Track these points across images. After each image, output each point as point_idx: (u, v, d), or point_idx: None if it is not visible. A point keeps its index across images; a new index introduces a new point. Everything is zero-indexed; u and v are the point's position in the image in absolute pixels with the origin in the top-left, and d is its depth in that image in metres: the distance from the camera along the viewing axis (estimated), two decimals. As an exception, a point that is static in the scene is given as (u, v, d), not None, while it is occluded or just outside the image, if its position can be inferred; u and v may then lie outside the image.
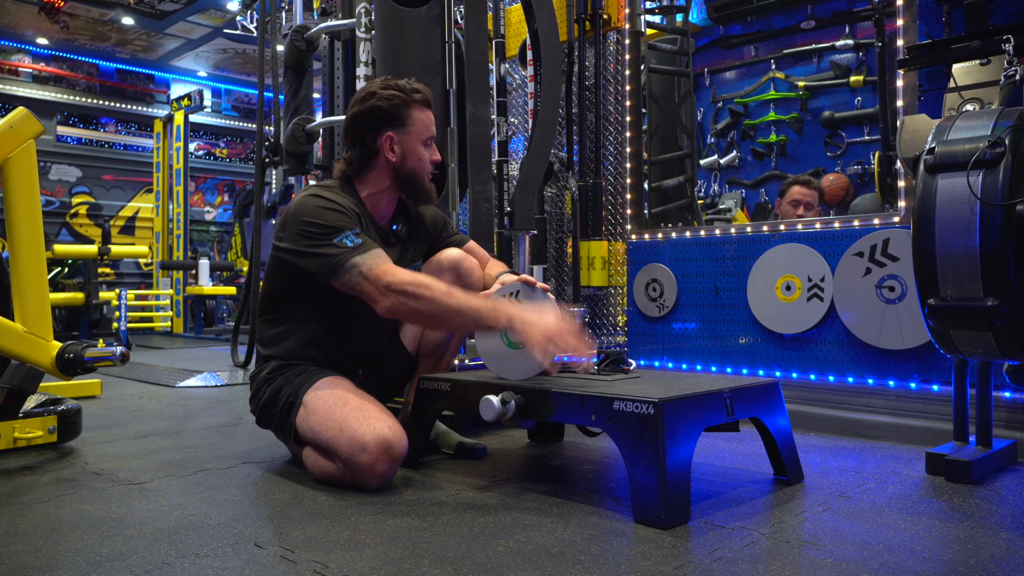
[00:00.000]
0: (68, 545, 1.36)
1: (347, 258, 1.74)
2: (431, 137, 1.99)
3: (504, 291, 1.86)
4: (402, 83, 1.96)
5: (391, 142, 1.94)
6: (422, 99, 1.96)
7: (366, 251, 1.75)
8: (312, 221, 1.78)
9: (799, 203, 3.30)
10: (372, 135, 1.93)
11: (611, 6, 3.32)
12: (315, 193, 1.87)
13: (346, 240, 1.75)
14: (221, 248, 11.11)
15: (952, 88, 2.32)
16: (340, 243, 1.75)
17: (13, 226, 2.15)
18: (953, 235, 1.73)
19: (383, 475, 1.70)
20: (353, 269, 1.73)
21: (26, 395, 2.17)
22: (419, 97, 1.95)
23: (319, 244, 1.77)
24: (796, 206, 3.29)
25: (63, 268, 8.46)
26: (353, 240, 1.76)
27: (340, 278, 1.75)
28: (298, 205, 1.85)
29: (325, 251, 1.75)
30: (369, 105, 1.92)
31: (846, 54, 4.51)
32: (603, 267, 3.28)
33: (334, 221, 1.78)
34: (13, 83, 9.07)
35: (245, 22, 7.68)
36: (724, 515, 1.53)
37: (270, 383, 1.93)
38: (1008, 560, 1.28)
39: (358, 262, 1.73)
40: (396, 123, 1.93)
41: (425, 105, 1.97)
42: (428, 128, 1.98)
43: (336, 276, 1.75)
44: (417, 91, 1.96)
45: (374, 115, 1.92)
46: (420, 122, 1.96)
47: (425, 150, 1.98)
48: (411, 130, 1.95)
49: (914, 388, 2.38)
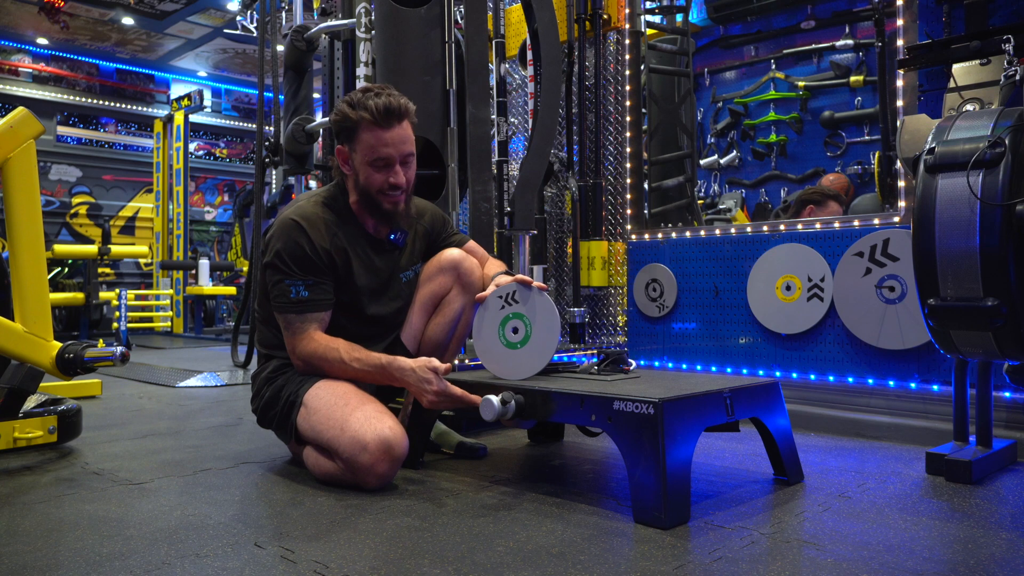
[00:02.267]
0: (68, 545, 1.36)
1: (284, 309, 1.87)
2: (380, 159, 1.86)
3: (500, 291, 1.86)
4: (357, 98, 1.86)
5: (343, 156, 1.94)
6: (369, 120, 1.83)
7: (303, 311, 1.87)
8: (280, 256, 1.87)
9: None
10: (335, 147, 1.96)
11: (611, 6, 3.31)
12: (299, 222, 1.88)
13: (293, 291, 1.86)
14: (221, 248, 11.11)
15: (952, 88, 2.33)
16: (287, 289, 1.86)
17: (13, 226, 2.15)
18: (953, 235, 1.73)
19: (384, 475, 1.70)
20: (284, 319, 1.89)
21: (26, 395, 2.17)
22: (366, 118, 1.83)
23: (275, 278, 1.88)
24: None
25: (63, 268, 8.46)
26: (299, 293, 1.86)
27: (279, 319, 1.91)
28: (282, 228, 1.89)
29: (276, 289, 1.89)
30: (331, 120, 1.97)
31: (846, 54, 4.51)
32: (603, 267, 3.28)
33: (294, 267, 1.86)
34: (13, 83, 9.08)
35: (245, 22, 7.68)
36: (724, 515, 1.53)
37: (271, 383, 1.94)
38: (1008, 560, 1.28)
39: (291, 319, 1.88)
40: (346, 139, 1.92)
41: (375, 125, 1.84)
42: (374, 149, 1.85)
43: (278, 315, 1.91)
44: (367, 109, 1.83)
45: (333, 128, 1.94)
46: (365, 143, 1.86)
47: (375, 171, 1.87)
48: (357, 148, 1.89)
49: (914, 388, 2.38)
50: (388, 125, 1.85)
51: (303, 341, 1.87)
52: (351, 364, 1.83)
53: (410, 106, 1.90)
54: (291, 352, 1.91)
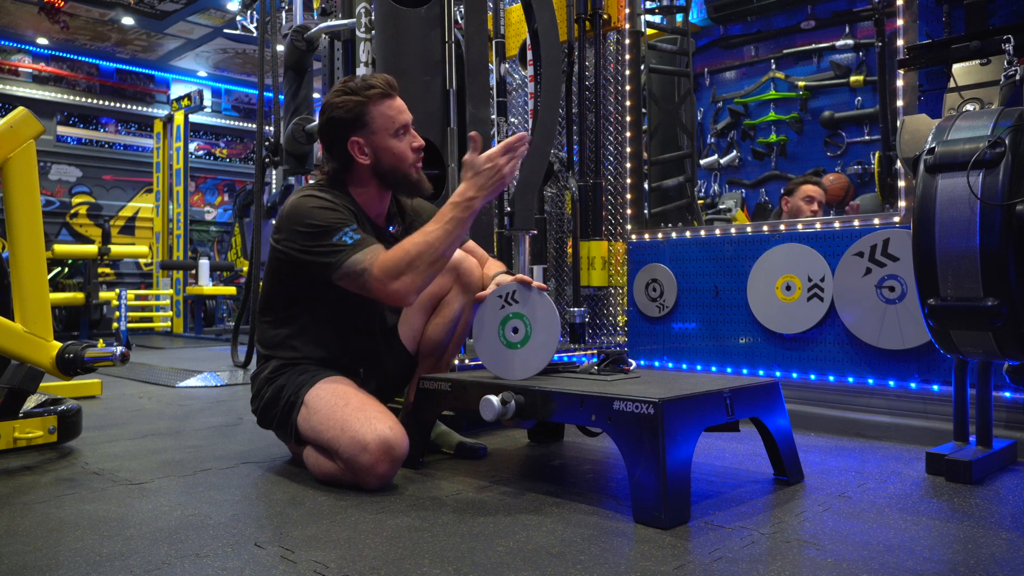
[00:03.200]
0: (68, 545, 1.36)
1: (348, 255, 1.76)
2: (402, 125, 1.91)
3: (500, 291, 1.86)
4: (354, 84, 1.89)
5: (359, 146, 1.91)
6: (379, 93, 1.88)
7: (366, 247, 1.77)
8: (310, 221, 1.80)
9: (812, 199, 3.47)
10: (340, 145, 1.91)
11: (611, 6, 3.31)
12: (309, 193, 1.87)
13: (345, 238, 1.77)
14: (221, 248, 11.11)
15: (952, 88, 2.32)
16: (340, 241, 1.77)
17: (13, 226, 2.15)
18: (953, 235, 1.73)
19: (384, 475, 1.70)
20: (357, 266, 1.75)
21: (26, 395, 2.17)
22: (375, 93, 1.88)
23: (319, 243, 1.78)
24: (810, 202, 3.46)
25: (63, 268, 8.46)
26: (352, 236, 1.78)
27: (343, 275, 1.77)
28: (293, 205, 1.86)
29: (325, 249, 1.77)
30: (327, 118, 1.91)
31: (846, 54, 4.51)
32: (603, 267, 3.28)
33: (331, 219, 1.80)
34: (13, 83, 9.08)
35: (245, 22, 7.68)
36: (724, 515, 1.53)
37: (271, 383, 1.93)
38: (1008, 560, 1.28)
39: (360, 259, 1.75)
40: (358, 126, 1.89)
41: (384, 96, 1.89)
42: (393, 119, 1.90)
43: (338, 273, 1.77)
44: (372, 86, 1.88)
45: (335, 125, 1.90)
46: (382, 116, 1.89)
47: (398, 141, 1.91)
48: (375, 128, 1.89)
49: (914, 388, 2.38)
50: (393, 95, 1.91)
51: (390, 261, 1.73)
52: (433, 234, 1.74)
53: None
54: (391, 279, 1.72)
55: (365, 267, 1.74)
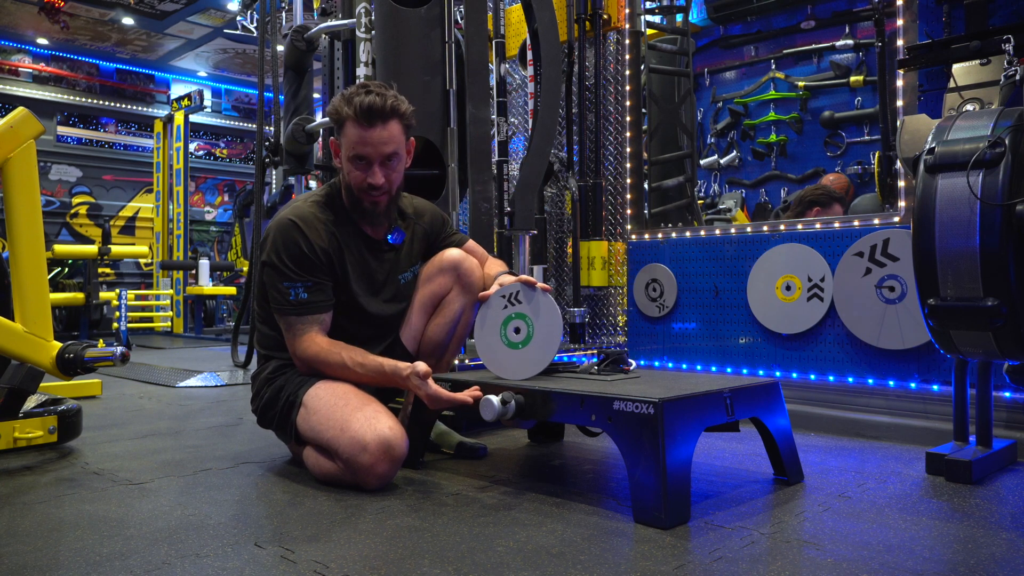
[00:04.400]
0: (68, 545, 1.36)
1: (284, 311, 1.88)
2: (358, 156, 1.86)
3: (504, 291, 1.86)
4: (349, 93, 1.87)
5: (335, 148, 1.95)
6: (353, 117, 1.83)
7: (302, 313, 1.88)
8: (278, 252, 1.87)
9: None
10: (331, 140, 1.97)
11: (611, 6, 3.31)
12: (296, 219, 1.89)
13: (292, 293, 1.87)
14: (221, 248, 11.11)
15: (952, 88, 2.33)
16: (286, 291, 1.87)
17: (13, 226, 2.15)
18: (953, 235, 1.73)
19: (384, 475, 1.70)
20: (284, 321, 1.90)
21: (26, 395, 2.17)
22: (348, 112, 1.84)
23: (272, 278, 1.89)
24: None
25: (63, 268, 8.46)
26: (299, 295, 1.87)
27: (279, 319, 1.92)
28: (276, 227, 1.90)
29: (274, 290, 1.89)
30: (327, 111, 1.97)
31: (846, 54, 4.51)
32: (603, 267, 3.28)
33: (293, 268, 1.86)
34: (13, 83, 9.07)
35: (245, 22, 7.68)
36: (724, 515, 1.53)
37: (271, 383, 1.94)
38: (1008, 560, 1.28)
39: (291, 321, 1.88)
40: (339, 133, 1.92)
41: (357, 122, 1.83)
42: (354, 146, 1.86)
43: (277, 315, 1.92)
44: (355, 106, 1.83)
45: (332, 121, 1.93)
46: (348, 138, 1.87)
47: (354, 168, 1.88)
48: (344, 142, 1.90)
49: (914, 388, 2.38)
50: (370, 124, 1.83)
51: (304, 343, 1.88)
52: (354, 368, 1.84)
53: (401, 107, 1.87)
54: (292, 354, 1.91)
55: (296, 334, 1.88)
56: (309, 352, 1.87)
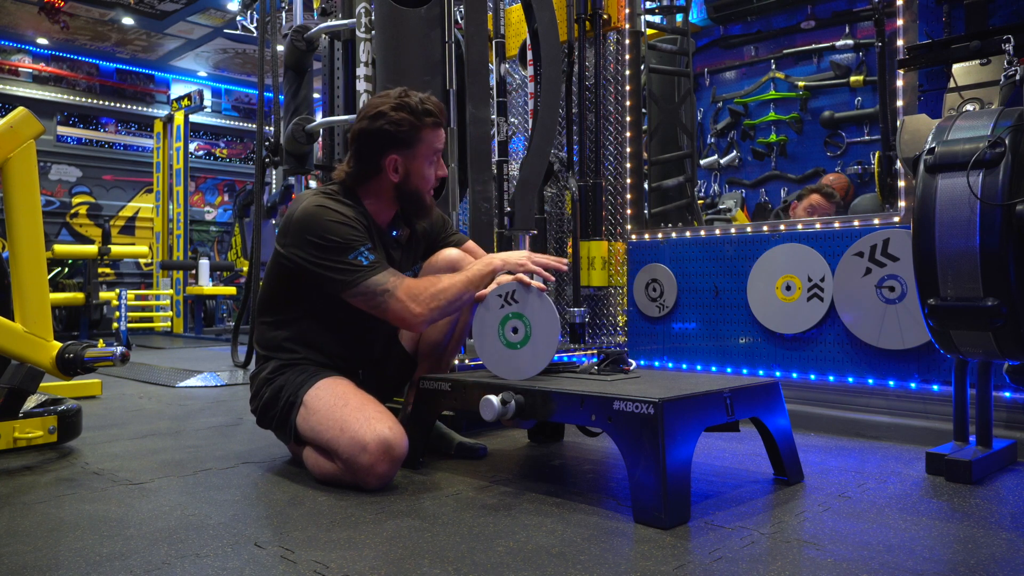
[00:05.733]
0: (68, 545, 1.36)
1: (366, 276, 1.79)
2: (438, 152, 1.96)
3: (500, 291, 1.86)
4: (414, 103, 1.88)
5: (395, 164, 1.91)
6: (433, 122, 1.91)
7: (383, 270, 1.81)
8: (326, 235, 1.80)
9: (814, 210, 3.55)
10: (377, 155, 1.90)
11: (611, 6, 3.31)
12: (323, 204, 1.85)
13: (360, 258, 1.79)
14: (221, 248, 11.11)
15: (952, 88, 2.32)
16: (356, 260, 1.79)
17: (13, 226, 2.15)
18: (953, 235, 1.73)
19: (383, 475, 1.70)
20: (378, 287, 1.78)
21: (26, 395, 2.17)
22: (430, 121, 1.90)
23: (334, 258, 1.79)
24: (811, 212, 3.55)
25: (63, 268, 8.46)
26: (368, 257, 1.80)
27: (357, 293, 1.80)
28: (307, 215, 1.83)
29: (341, 266, 1.79)
30: (377, 126, 1.87)
31: (846, 54, 4.51)
32: (603, 267, 3.28)
33: (349, 236, 1.81)
34: (13, 83, 9.07)
35: (245, 22, 7.68)
36: (724, 515, 1.53)
37: (270, 383, 1.93)
38: (1008, 560, 1.28)
39: (381, 280, 1.79)
40: (403, 146, 1.89)
41: (437, 126, 1.93)
42: (435, 148, 1.94)
43: (352, 291, 1.80)
44: (430, 113, 1.89)
45: (380, 136, 1.88)
46: (427, 144, 1.91)
47: (430, 168, 1.96)
48: (417, 152, 1.91)
49: (914, 388, 2.38)
50: (442, 125, 1.97)
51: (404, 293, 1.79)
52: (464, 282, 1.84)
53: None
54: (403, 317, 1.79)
55: (387, 288, 1.78)
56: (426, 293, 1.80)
